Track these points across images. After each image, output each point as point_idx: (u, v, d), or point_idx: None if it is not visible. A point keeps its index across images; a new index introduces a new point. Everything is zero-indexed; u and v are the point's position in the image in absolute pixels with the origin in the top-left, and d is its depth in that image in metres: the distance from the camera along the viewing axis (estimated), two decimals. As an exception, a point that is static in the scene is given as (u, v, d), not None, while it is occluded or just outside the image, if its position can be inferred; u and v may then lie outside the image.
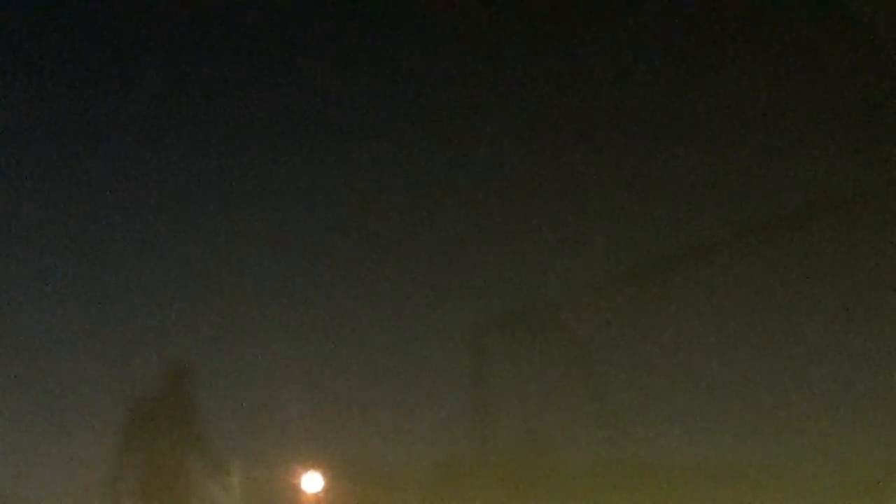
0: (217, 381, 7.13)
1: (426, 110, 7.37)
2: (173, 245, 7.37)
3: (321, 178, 7.40)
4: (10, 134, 7.33)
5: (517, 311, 7.08)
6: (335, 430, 6.97)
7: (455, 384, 7.05)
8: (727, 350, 6.63)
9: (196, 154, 7.47)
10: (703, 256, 6.72)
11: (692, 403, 6.64)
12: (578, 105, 7.11)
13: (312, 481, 6.94)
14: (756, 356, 6.61)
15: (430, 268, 7.16)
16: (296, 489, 6.93)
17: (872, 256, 6.45)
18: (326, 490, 6.93)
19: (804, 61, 6.65)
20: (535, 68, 7.15)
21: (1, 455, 7.11)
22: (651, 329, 6.80)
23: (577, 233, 7.00)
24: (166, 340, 7.23)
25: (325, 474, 6.96)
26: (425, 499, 7.03)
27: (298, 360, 7.05)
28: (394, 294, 7.24)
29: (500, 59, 7.22)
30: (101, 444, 6.92)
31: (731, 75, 6.81)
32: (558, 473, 6.86)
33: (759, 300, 6.66)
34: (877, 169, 6.51)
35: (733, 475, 6.48)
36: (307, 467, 6.95)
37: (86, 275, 7.31)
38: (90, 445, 6.98)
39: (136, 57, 7.39)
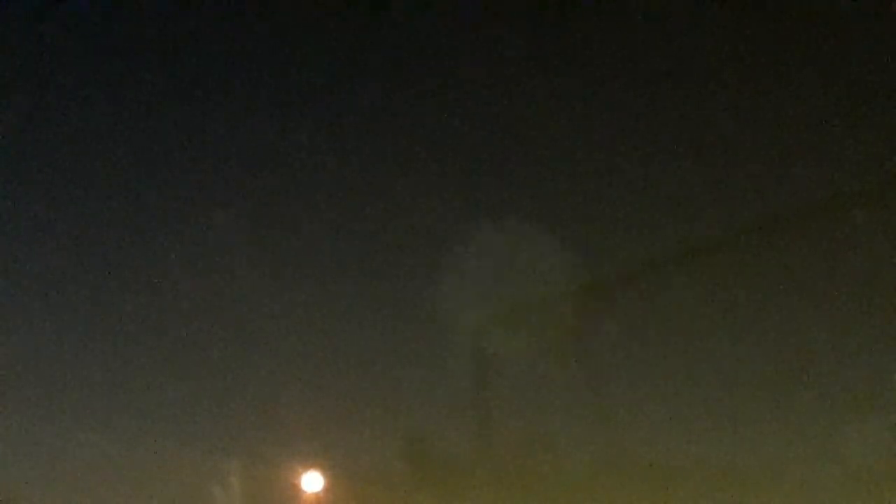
0: (217, 380, 7.14)
1: (425, 110, 7.36)
2: (172, 244, 7.37)
3: (321, 177, 7.39)
4: (10, 134, 7.34)
5: (517, 310, 7.07)
6: (335, 430, 6.97)
7: (455, 384, 7.05)
8: (727, 350, 6.64)
9: (197, 152, 7.48)
10: (703, 256, 6.72)
11: (692, 403, 6.64)
12: (576, 104, 7.11)
13: (312, 481, 6.94)
14: (756, 356, 6.61)
15: (431, 268, 7.16)
16: (296, 489, 6.93)
17: (872, 256, 6.45)
18: (326, 490, 6.93)
19: (804, 61, 6.64)
20: (535, 68, 7.15)
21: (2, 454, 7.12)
22: (651, 329, 6.80)
23: (578, 232, 7.00)
24: (166, 340, 7.24)
25: (325, 474, 6.96)
26: (425, 499, 7.03)
27: (298, 359, 7.06)
28: (394, 294, 7.25)
29: (502, 58, 7.22)
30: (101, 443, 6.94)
31: (731, 76, 6.81)
32: (558, 473, 6.86)
33: (759, 300, 6.66)
34: (877, 169, 6.50)
35: (733, 475, 6.48)
36: (307, 467, 6.95)
37: (85, 274, 7.31)
38: (89, 445, 6.99)
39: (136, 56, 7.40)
